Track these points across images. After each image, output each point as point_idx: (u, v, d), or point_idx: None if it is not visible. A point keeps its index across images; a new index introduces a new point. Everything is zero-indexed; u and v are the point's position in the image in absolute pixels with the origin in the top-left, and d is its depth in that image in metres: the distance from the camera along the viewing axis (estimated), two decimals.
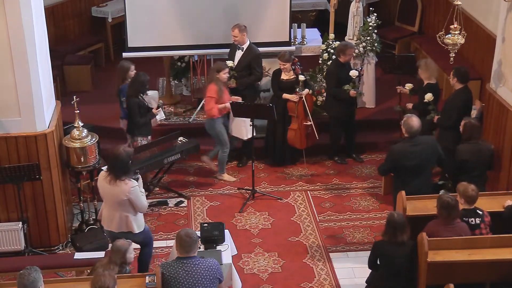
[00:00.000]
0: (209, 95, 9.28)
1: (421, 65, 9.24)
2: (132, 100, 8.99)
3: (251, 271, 8.15)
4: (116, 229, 7.25)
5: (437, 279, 6.68)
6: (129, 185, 7.07)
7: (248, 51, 9.76)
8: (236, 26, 9.66)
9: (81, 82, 11.50)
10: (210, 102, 9.28)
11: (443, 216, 6.79)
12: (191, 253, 6.23)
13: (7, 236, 8.12)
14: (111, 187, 7.10)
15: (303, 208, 9.27)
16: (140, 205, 7.18)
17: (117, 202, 7.15)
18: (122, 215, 7.19)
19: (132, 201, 7.10)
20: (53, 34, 11.24)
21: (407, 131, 7.76)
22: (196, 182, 9.88)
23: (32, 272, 5.72)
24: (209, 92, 9.27)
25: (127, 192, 7.06)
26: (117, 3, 12.32)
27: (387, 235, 6.78)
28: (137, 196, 7.12)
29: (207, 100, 9.35)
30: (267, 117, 9.39)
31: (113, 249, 6.45)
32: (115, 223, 7.24)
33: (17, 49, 7.64)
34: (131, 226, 7.21)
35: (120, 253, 6.38)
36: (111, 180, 7.10)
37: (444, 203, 6.75)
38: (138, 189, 7.14)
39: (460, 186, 7.02)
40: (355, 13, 10.56)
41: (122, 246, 6.41)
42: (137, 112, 8.98)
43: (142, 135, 9.15)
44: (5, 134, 7.96)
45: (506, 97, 8.36)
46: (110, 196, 7.19)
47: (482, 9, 10.34)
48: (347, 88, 9.61)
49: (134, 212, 7.21)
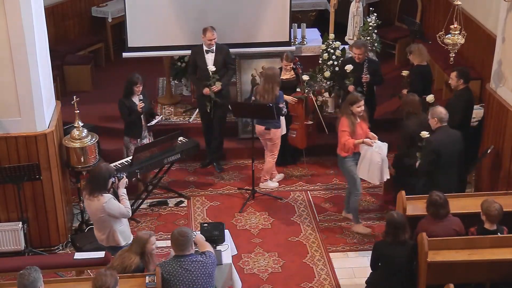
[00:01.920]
0: (342, 129, 8.39)
1: (414, 51, 9.35)
2: (120, 102, 9.04)
3: (251, 271, 8.15)
4: (106, 244, 7.24)
5: (437, 279, 6.68)
6: (101, 201, 6.98)
7: (219, 50, 9.64)
8: (212, 28, 9.50)
9: (81, 82, 11.50)
10: (344, 136, 8.36)
11: (431, 213, 6.89)
12: (187, 251, 6.26)
13: (7, 236, 8.12)
14: (87, 202, 7.10)
15: (303, 208, 9.27)
16: (119, 214, 7.10)
17: (98, 220, 7.14)
18: (107, 230, 7.14)
19: (110, 215, 7.05)
20: (53, 34, 11.24)
21: (438, 119, 7.81)
22: (196, 182, 9.87)
23: (32, 272, 5.73)
24: (342, 125, 8.40)
25: (101, 209, 7.00)
26: (117, 3, 12.32)
27: (387, 235, 6.79)
28: (112, 209, 7.03)
29: (340, 134, 8.41)
30: (267, 117, 9.37)
31: (135, 239, 6.50)
32: (104, 239, 7.22)
33: (17, 49, 7.64)
34: (117, 240, 7.16)
35: (140, 243, 6.39)
36: (86, 194, 7.10)
37: (433, 200, 6.86)
38: (112, 202, 7.03)
39: (484, 202, 6.83)
40: (355, 13, 10.56)
41: (142, 236, 6.43)
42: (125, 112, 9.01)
43: (129, 136, 9.14)
44: (5, 134, 7.96)
45: (506, 97, 8.36)
46: (92, 215, 7.21)
47: (482, 9, 10.34)
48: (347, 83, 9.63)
49: (119, 222, 7.15)
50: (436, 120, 7.85)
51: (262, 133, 9.35)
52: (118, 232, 7.16)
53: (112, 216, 7.07)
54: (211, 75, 9.55)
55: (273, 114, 9.05)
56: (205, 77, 9.62)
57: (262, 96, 9.14)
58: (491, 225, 6.81)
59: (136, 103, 9.02)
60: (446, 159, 7.75)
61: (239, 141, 10.44)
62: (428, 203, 6.92)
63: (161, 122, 10.13)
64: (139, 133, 9.14)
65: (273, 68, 9.33)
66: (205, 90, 9.58)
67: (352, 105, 8.29)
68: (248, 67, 10.38)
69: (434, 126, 7.91)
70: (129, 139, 9.17)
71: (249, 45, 10.21)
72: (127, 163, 8.74)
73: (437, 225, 6.85)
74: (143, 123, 9.16)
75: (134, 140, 9.14)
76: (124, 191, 7.27)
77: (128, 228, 7.37)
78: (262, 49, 10.18)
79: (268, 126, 9.25)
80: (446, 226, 6.87)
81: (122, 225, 7.23)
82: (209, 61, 9.61)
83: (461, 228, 6.93)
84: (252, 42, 10.18)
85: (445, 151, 7.74)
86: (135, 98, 9.03)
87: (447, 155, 7.75)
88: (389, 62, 12.21)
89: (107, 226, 7.13)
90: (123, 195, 7.23)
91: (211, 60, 9.62)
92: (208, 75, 9.58)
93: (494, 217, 6.75)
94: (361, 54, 9.50)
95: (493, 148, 8.49)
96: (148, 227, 8.90)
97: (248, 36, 10.14)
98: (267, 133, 9.31)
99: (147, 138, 9.26)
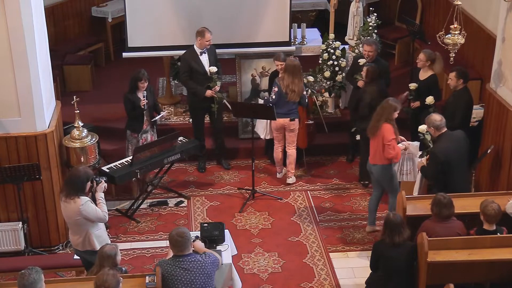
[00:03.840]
0: (391, 137, 8.09)
1: (438, 59, 9.17)
2: (124, 96, 9.09)
3: (251, 271, 8.15)
4: (81, 248, 7.11)
5: (437, 279, 6.68)
6: (78, 204, 6.87)
7: (210, 51, 9.63)
8: (208, 30, 9.45)
9: (81, 82, 11.50)
10: (394, 144, 8.12)
11: (434, 213, 6.88)
12: (186, 251, 6.26)
13: (7, 236, 8.13)
14: (64, 205, 6.97)
15: (303, 208, 9.27)
16: (95, 218, 6.99)
17: (74, 223, 7.02)
18: (83, 233, 7.03)
19: (86, 218, 6.95)
20: (53, 34, 11.24)
21: (435, 128, 7.72)
22: (196, 182, 9.87)
23: (33, 273, 5.69)
24: (389, 134, 8.10)
25: (77, 211, 6.89)
26: (117, 3, 12.32)
27: (384, 235, 6.80)
28: (89, 212, 6.92)
29: (392, 143, 8.10)
30: (267, 117, 9.38)
31: (103, 256, 6.29)
32: (80, 242, 7.09)
33: (17, 49, 7.64)
34: (93, 244, 7.03)
35: (111, 258, 6.28)
36: (62, 197, 6.99)
37: (436, 200, 6.86)
38: (88, 205, 6.93)
39: (482, 202, 6.82)
40: (355, 13, 10.56)
41: (111, 251, 6.30)
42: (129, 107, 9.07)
43: (131, 130, 9.20)
44: (5, 134, 7.97)
45: (506, 97, 8.37)
46: (67, 218, 7.09)
47: (482, 9, 10.34)
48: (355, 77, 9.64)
49: (95, 226, 7.05)
50: (433, 130, 7.77)
51: (286, 125, 9.31)
52: (94, 236, 7.02)
53: (89, 220, 6.95)
54: (212, 76, 9.52)
55: (273, 114, 9.05)
56: (203, 80, 9.56)
57: (292, 90, 9.10)
58: (490, 226, 6.80)
59: (140, 99, 9.04)
60: (455, 163, 7.69)
61: (239, 141, 10.44)
62: (432, 203, 6.91)
63: (161, 122, 10.13)
64: (140, 128, 9.17)
65: (294, 60, 9.29)
66: (209, 93, 9.52)
67: (395, 111, 8.17)
68: (248, 67, 10.38)
69: (434, 135, 7.83)
70: (130, 132, 9.23)
71: (249, 45, 10.21)
72: (127, 163, 8.75)
73: (440, 226, 6.82)
74: (145, 118, 9.17)
75: (135, 134, 9.19)
76: (102, 195, 7.14)
77: (104, 232, 7.23)
78: (262, 49, 10.18)
79: (293, 116, 9.27)
80: (449, 228, 6.83)
81: (99, 230, 7.10)
82: (205, 63, 9.58)
83: (464, 232, 6.89)
84: (252, 42, 10.17)
85: (453, 157, 7.64)
86: (139, 93, 9.07)
87: (456, 159, 7.68)
88: (389, 62, 12.16)
89: (83, 230, 6.99)
90: (100, 199, 7.11)
91: (207, 61, 9.59)
92: (205, 77, 9.54)
93: (491, 216, 6.73)
94: (372, 51, 9.43)
95: (493, 148, 8.50)
96: (148, 227, 8.91)
97: (248, 36, 10.13)
98: (292, 123, 9.30)
99: (149, 134, 9.27)
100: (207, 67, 9.56)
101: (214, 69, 9.52)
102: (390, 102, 8.19)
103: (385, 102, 8.23)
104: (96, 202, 7.08)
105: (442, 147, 7.68)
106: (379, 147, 8.17)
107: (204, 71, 9.56)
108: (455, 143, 7.74)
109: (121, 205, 9.33)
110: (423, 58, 9.19)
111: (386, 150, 8.12)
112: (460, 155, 7.75)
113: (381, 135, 8.12)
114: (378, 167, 8.30)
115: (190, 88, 9.73)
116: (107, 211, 7.12)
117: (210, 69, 9.52)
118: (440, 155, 7.63)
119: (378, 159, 8.24)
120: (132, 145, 9.17)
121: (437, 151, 7.69)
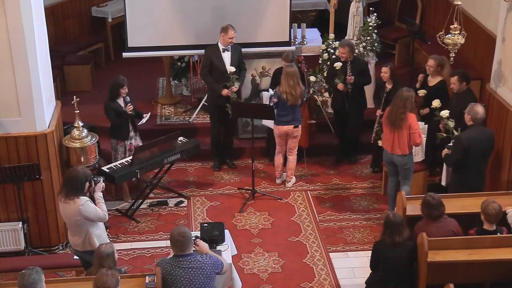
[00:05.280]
0: (416, 126, 8.25)
1: (446, 64, 9.05)
2: (106, 104, 8.97)
3: (251, 271, 8.15)
4: (81, 248, 7.11)
5: (437, 279, 6.68)
6: (78, 204, 6.86)
7: (234, 48, 9.62)
8: (232, 27, 9.45)
9: (81, 82, 11.51)
10: (419, 133, 8.32)
11: (425, 214, 6.91)
12: (186, 251, 6.24)
13: (7, 236, 8.12)
14: (63, 205, 6.96)
15: (303, 208, 9.27)
16: (96, 217, 6.99)
17: (73, 223, 7.01)
18: (83, 234, 7.03)
19: (87, 218, 6.95)
20: (53, 34, 11.24)
21: (472, 118, 7.75)
22: (196, 182, 9.88)
23: (33, 273, 5.67)
24: (415, 122, 8.26)
25: (77, 212, 6.89)
26: (117, 3, 12.33)
27: (384, 236, 6.80)
28: (89, 212, 6.92)
29: (418, 132, 8.25)
30: (267, 117, 9.38)
31: (102, 255, 6.26)
32: (79, 243, 7.09)
33: (17, 49, 7.64)
34: (93, 244, 7.01)
35: (111, 256, 6.27)
36: (61, 197, 6.97)
37: (426, 201, 6.88)
38: (88, 204, 6.92)
39: (483, 202, 6.82)
40: (355, 13, 10.55)
41: (109, 250, 6.29)
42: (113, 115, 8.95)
43: (117, 138, 9.09)
44: (5, 134, 7.97)
45: (506, 97, 8.37)
46: (67, 218, 7.08)
47: (482, 9, 10.34)
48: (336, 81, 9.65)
49: (95, 226, 7.05)
50: (469, 117, 7.79)
51: (290, 132, 9.30)
52: (94, 236, 7.02)
53: (89, 220, 6.95)
54: (230, 75, 9.50)
55: (273, 114, 9.05)
56: (222, 78, 9.54)
57: (290, 94, 9.04)
58: (490, 226, 6.80)
59: (121, 105, 8.98)
60: (474, 156, 7.73)
61: (239, 141, 10.44)
62: (421, 204, 6.93)
63: (161, 122, 10.13)
64: (126, 135, 9.08)
65: (292, 65, 9.26)
66: (225, 92, 9.48)
67: (413, 99, 8.28)
68: (248, 67, 10.36)
69: (468, 123, 7.86)
70: (117, 141, 9.11)
71: (249, 45, 10.19)
72: (127, 163, 8.74)
73: (432, 226, 6.84)
74: (130, 124, 9.10)
75: (122, 142, 9.10)
76: (100, 195, 7.14)
77: (104, 232, 7.23)
78: (262, 49, 10.17)
79: (297, 123, 9.26)
80: (441, 227, 6.85)
81: (99, 229, 7.10)
82: (227, 60, 9.56)
83: (458, 229, 6.92)
84: (252, 42, 10.16)
85: (475, 149, 7.71)
86: (120, 100, 8.98)
87: (476, 153, 7.72)
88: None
89: (83, 230, 6.99)
90: (99, 199, 7.11)
91: (228, 59, 9.56)
92: (225, 76, 9.52)
93: (492, 216, 6.73)
94: (345, 53, 9.52)
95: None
96: (148, 227, 8.91)
97: (248, 36, 10.12)
98: (296, 130, 9.30)
99: (134, 139, 9.19)
100: (228, 65, 9.54)
101: (232, 69, 9.49)
102: (406, 92, 8.22)
103: (401, 93, 8.23)
104: (95, 201, 7.08)
105: (470, 135, 7.76)
106: (404, 137, 8.24)
107: (224, 68, 9.53)
108: (483, 136, 7.80)
109: (121, 205, 9.33)
110: (433, 64, 9.08)
111: (413, 138, 8.24)
112: (482, 151, 7.80)
113: (407, 125, 8.19)
114: (403, 157, 8.35)
115: (208, 83, 9.79)
116: (106, 210, 7.13)
117: (229, 68, 9.51)
118: (465, 141, 7.71)
119: (404, 149, 8.29)
120: (119, 154, 9.08)
121: (462, 137, 7.78)
